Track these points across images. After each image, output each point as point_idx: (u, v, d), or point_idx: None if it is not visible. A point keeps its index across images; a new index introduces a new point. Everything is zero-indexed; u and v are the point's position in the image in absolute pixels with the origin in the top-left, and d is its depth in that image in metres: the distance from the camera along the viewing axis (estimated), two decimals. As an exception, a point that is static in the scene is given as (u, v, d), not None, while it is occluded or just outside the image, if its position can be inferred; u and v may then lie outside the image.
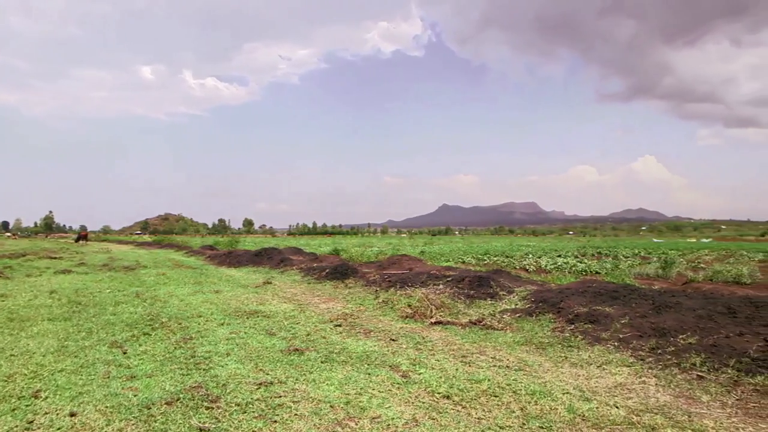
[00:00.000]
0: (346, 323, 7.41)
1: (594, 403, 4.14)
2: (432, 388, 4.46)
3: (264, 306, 8.94)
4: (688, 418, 3.82)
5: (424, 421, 3.72)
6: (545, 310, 7.57)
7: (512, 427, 3.63)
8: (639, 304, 7.01)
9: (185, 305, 8.97)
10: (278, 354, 5.59)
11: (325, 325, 7.33)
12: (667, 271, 14.84)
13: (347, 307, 8.97)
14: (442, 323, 7.38)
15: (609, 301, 7.42)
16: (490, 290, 9.16)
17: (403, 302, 8.65)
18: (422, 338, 6.47)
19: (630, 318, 6.54)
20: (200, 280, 13.37)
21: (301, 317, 7.91)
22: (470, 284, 9.46)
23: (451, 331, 6.99)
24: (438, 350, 5.86)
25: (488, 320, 7.34)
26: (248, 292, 10.87)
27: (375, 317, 8.04)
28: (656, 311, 6.61)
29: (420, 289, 9.42)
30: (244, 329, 6.91)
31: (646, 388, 4.56)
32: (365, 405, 4.03)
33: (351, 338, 6.47)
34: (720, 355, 5.06)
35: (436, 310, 7.94)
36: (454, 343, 6.25)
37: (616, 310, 6.97)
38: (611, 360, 5.43)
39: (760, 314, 5.82)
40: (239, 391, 4.30)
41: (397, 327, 7.23)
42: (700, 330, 5.75)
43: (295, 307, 8.94)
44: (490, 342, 6.34)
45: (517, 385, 4.54)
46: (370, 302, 9.42)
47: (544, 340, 6.32)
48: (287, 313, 8.27)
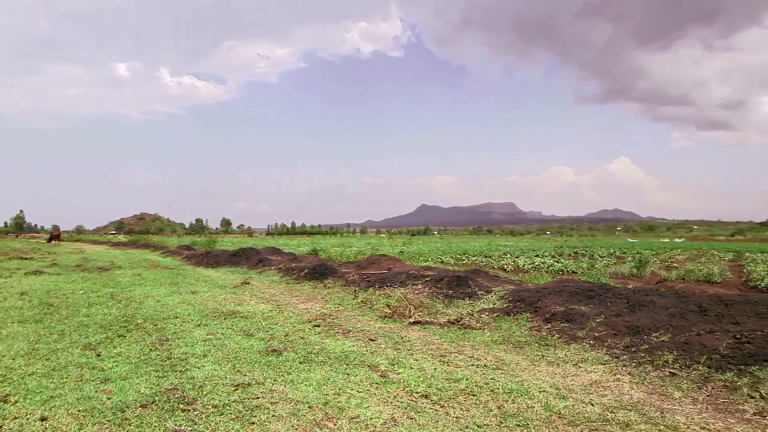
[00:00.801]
0: (325, 323, 7.38)
1: (570, 400, 4.19)
2: (410, 388, 4.47)
3: (242, 306, 8.86)
4: (661, 415, 3.89)
5: (403, 420, 3.73)
6: (523, 309, 7.65)
7: (490, 426, 3.66)
8: (614, 303, 7.13)
9: (161, 306, 8.84)
10: (256, 355, 5.54)
11: (303, 325, 7.29)
12: (642, 270, 15.12)
13: (326, 308, 8.95)
14: (420, 323, 7.40)
15: (585, 300, 7.53)
16: (468, 290, 9.22)
17: (382, 302, 8.66)
18: (401, 338, 6.48)
19: (605, 317, 6.64)
20: (177, 281, 13.18)
21: (280, 318, 7.85)
22: (449, 284, 9.51)
23: (430, 330, 7.01)
24: (416, 350, 5.87)
25: (466, 320, 7.38)
26: (226, 293, 10.76)
27: (354, 317, 8.03)
28: (630, 310, 6.73)
29: (399, 289, 9.43)
30: (221, 330, 6.84)
31: (621, 386, 4.64)
32: (344, 405, 4.03)
33: (330, 338, 6.45)
34: (691, 352, 5.17)
35: (414, 310, 7.96)
36: (433, 342, 6.27)
37: (592, 309, 7.07)
38: (587, 358, 5.51)
39: (729, 312, 5.97)
40: (216, 393, 4.25)
41: (376, 327, 7.23)
42: (673, 328, 5.88)
43: (274, 307, 8.88)
44: (468, 341, 6.38)
45: (494, 384, 4.58)
46: (349, 302, 9.41)
47: (521, 339, 6.38)
48: (265, 313, 8.21)
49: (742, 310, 5.93)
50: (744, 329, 5.40)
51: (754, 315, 5.73)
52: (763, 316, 5.64)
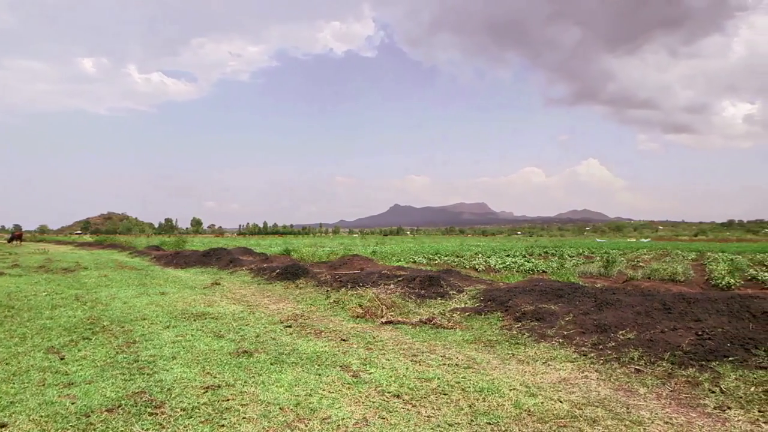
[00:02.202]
0: (297, 324, 7.34)
1: (539, 398, 4.26)
2: (382, 388, 4.48)
3: (212, 308, 8.74)
4: (627, 410, 3.99)
5: (374, 420, 3.74)
6: (494, 308, 7.74)
7: (461, 424, 3.69)
8: (582, 302, 7.27)
9: (129, 308, 8.65)
10: (226, 356, 5.48)
11: (275, 326, 7.23)
12: (609, 269, 15.45)
13: (298, 308, 8.89)
14: (392, 323, 7.42)
15: (554, 299, 7.66)
16: (440, 289, 9.28)
17: (354, 302, 8.65)
18: (373, 338, 6.49)
19: (574, 315, 6.77)
20: (145, 282, 12.93)
21: (251, 318, 7.77)
22: (421, 284, 9.55)
23: (402, 330, 7.04)
24: (388, 349, 5.89)
25: (438, 319, 7.43)
26: (196, 294, 10.59)
27: (326, 317, 8.00)
28: (598, 308, 6.87)
29: (371, 288, 9.44)
30: (191, 332, 6.73)
31: (588, 383, 4.73)
32: (315, 406, 4.01)
33: (301, 339, 6.41)
34: (656, 349, 5.32)
35: (386, 310, 7.98)
36: (405, 342, 6.30)
37: (561, 307, 7.20)
38: (556, 356, 5.60)
39: (692, 310, 6.15)
40: (185, 396, 4.18)
41: (348, 327, 7.22)
42: (638, 326, 6.03)
43: (245, 308, 8.78)
44: (440, 340, 6.42)
45: (466, 383, 4.63)
46: (321, 302, 9.37)
47: (492, 338, 6.46)
48: (236, 314, 8.11)
49: (704, 307, 6.12)
50: (705, 326, 5.58)
51: (715, 312, 5.92)
52: (722, 314, 5.83)
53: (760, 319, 5.57)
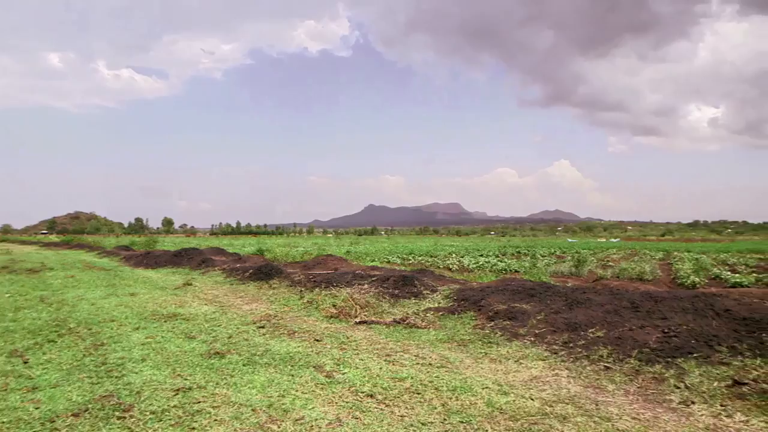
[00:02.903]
0: (270, 324, 7.28)
1: (511, 396, 4.31)
2: (356, 388, 4.47)
3: (183, 308, 8.60)
4: (596, 407, 4.07)
5: (348, 420, 3.73)
6: (467, 307, 7.80)
7: (434, 423, 3.71)
8: (554, 301, 7.38)
9: (96, 309, 8.46)
10: (198, 358, 5.40)
11: (248, 326, 7.16)
12: (580, 269, 15.74)
13: (271, 308, 8.82)
14: (366, 322, 7.42)
15: (526, 298, 7.76)
16: (414, 289, 9.32)
17: (328, 302, 8.62)
18: (347, 338, 6.47)
19: (545, 314, 6.87)
20: (114, 283, 12.65)
21: (223, 319, 7.68)
22: (395, 284, 9.58)
23: (376, 330, 7.04)
24: (362, 349, 5.88)
25: (412, 319, 7.46)
26: (167, 295, 10.42)
27: (299, 318, 7.95)
28: (569, 307, 6.99)
29: (345, 288, 9.42)
30: (161, 333, 6.62)
31: (559, 380, 4.81)
32: (288, 407, 3.98)
33: (275, 339, 6.36)
34: (624, 346, 5.44)
35: (360, 310, 7.98)
36: (379, 341, 6.30)
37: (533, 306, 7.30)
38: (528, 354, 5.68)
39: (659, 308, 6.30)
40: (155, 399, 4.11)
41: (321, 327, 7.19)
42: (608, 324, 6.15)
43: (217, 308, 8.67)
44: (413, 340, 6.45)
45: (439, 382, 4.65)
46: (294, 303, 9.31)
47: (465, 337, 6.51)
48: (208, 315, 8.01)
49: (670, 306, 6.28)
50: (671, 324, 5.73)
51: (680, 310, 6.08)
52: (688, 312, 6.00)
53: (722, 316, 5.75)
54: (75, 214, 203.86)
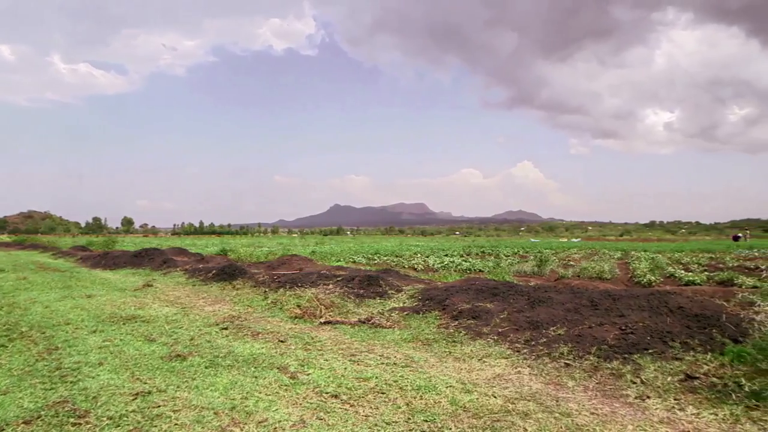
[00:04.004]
0: (233, 325, 7.17)
1: (475, 394, 4.37)
2: (320, 388, 4.45)
3: (143, 310, 8.39)
4: (556, 403, 4.16)
5: (312, 421, 3.71)
6: (432, 307, 7.86)
7: (398, 422, 3.72)
8: (516, 300, 7.51)
9: (50, 312, 8.16)
10: (158, 361, 5.27)
11: (210, 328, 7.04)
12: (542, 268, 16.03)
13: (234, 309, 8.69)
14: (331, 323, 7.39)
15: (490, 297, 7.87)
16: (379, 289, 9.33)
17: (293, 303, 8.55)
18: (311, 338, 6.44)
19: (508, 313, 6.98)
20: (70, 284, 12.24)
21: (185, 321, 7.53)
22: (360, 283, 9.57)
23: (341, 330, 7.02)
24: (327, 350, 5.86)
25: (377, 318, 7.47)
26: (126, 296, 10.14)
27: (263, 318, 7.86)
28: (531, 306, 7.12)
29: (310, 289, 9.37)
30: (119, 336, 6.44)
31: (521, 378, 4.90)
32: (251, 409, 3.93)
33: (238, 341, 6.27)
34: (584, 344, 5.58)
35: (325, 310, 7.94)
36: (343, 342, 6.29)
37: (496, 305, 7.41)
38: (491, 353, 5.76)
39: (616, 306, 6.49)
40: (112, 404, 3.99)
41: (286, 328, 7.13)
42: (568, 322, 6.30)
43: (179, 310, 8.49)
44: (378, 340, 6.46)
45: (403, 381, 4.67)
46: (258, 303, 9.20)
47: (430, 337, 6.56)
48: (169, 316, 7.83)
49: (627, 304, 6.47)
50: (628, 321, 5.90)
51: (637, 308, 6.27)
52: (644, 309, 6.19)
53: (676, 313, 5.96)
54: (28, 213, 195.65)
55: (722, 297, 6.98)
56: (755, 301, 5.17)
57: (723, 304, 6.31)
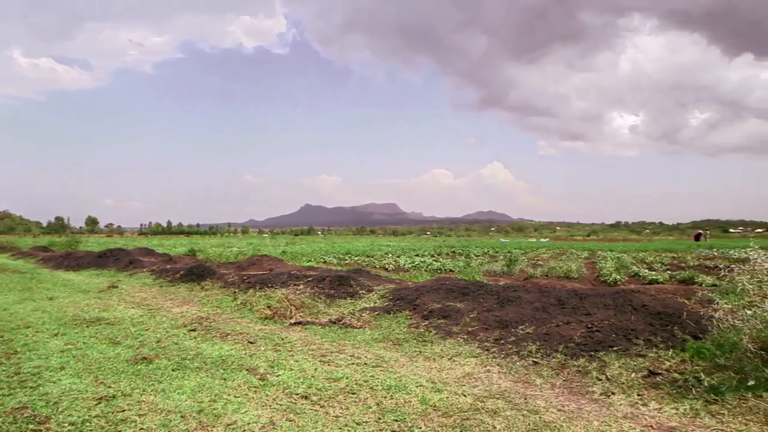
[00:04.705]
0: (202, 327, 7.05)
1: (444, 393, 4.40)
2: (290, 389, 4.42)
3: (108, 312, 8.18)
4: (525, 401, 4.23)
5: (282, 423, 3.68)
6: (402, 307, 7.88)
7: (368, 422, 3.72)
8: (486, 299, 7.59)
9: (9, 315, 7.89)
10: (123, 364, 5.15)
11: (178, 330, 6.91)
12: (512, 268, 16.23)
13: (203, 310, 8.55)
14: (302, 323, 7.35)
15: (460, 297, 7.94)
16: (350, 289, 9.32)
17: (263, 303, 8.46)
18: (281, 339, 6.38)
19: (478, 312, 7.06)
20: (30, 286, 11.86)
21: (151, 323, 7.37)
22: (331, 284, 9.53)
23: (311, 330, 6.99)
24: (297, 350, 5.82)
25: (348, 319, 7.45)
26: (89, 298, 9.87)
27: (233, 320, 7.76)
28: (500, 305, 7.21)
29: (280, 289, 9.28)
30: (83, 339, 6.27)
31: (490, 376, 4.96)
32: (220, 411, 3.88)
33: (206, 343, 6.18)
34: (551, 342, 5.68)
35: (296, 311, 7.88)
36: (314, 342, 6.26)
37: (466, 305, 7.48)
38: (461, 352, 5.81)
39: (583, 305, 6.63)
40: (75, 409, 3.88)
41: (256, 329, 7.05)
42: (536, 320, 6.40)
43: (145, 312, 8.31)
44: (349, 340, 6.45)
45: (374, 381, 4.68)
46: (227, 304, 9.07)
47: (400, 336, 6.58)
48: (135, 318, 7.66)
49: (593, 302, 6.62)
50: (594, 319, 6.04)
51: (603, 307, 6.42)
52: (609, 308, 6.34)
53: (640, 311, 6.12)
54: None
55: (683, 295, 7.20)
56: (714, 299, 5.33)
57: (684, 302, 6.52)
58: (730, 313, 4.76)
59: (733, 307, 4.83)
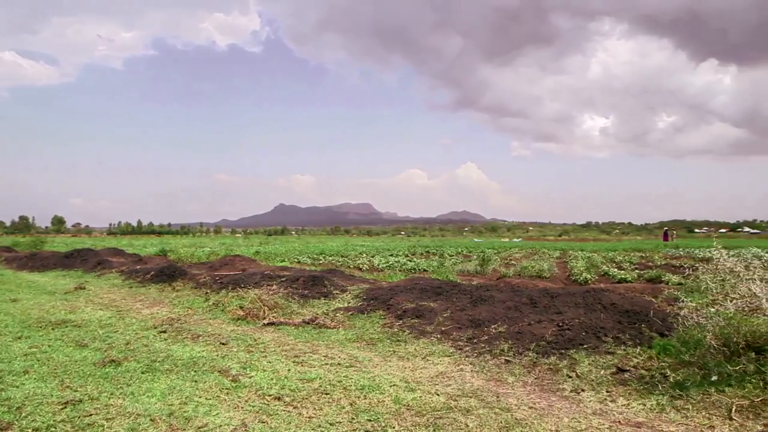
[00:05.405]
0: (172, 328, 6.93)
1: (418, 392, 4.42)
2: (263, 391, 4.38)
3: (75, 314, 7.98)
4: (497, 399, 4.28)
5: (254, 425, 3.64)
6: (376, 306, 7.89)
7: (342, 423, 3.71)
8: (459, 299, 7.65)
9: (-30, 317, 7.63)
10: (90, 367, 5.03)
11: (147, 331, 6.78)
12: (485, 267, 16.37)
13: (174, 312, 8.41)
14: (275, 324, 7.28)
15: (434, 296, 7.98)
16: (324, 289, 9.28)
17: (235, 304, 8.36)
18: (254, 340, 6.32)
19: (451, 312, 7.10)
20: (-8, 288, 11.49)
21: (120, 325, 7.22)
22: (304, 284, 9.48)
23: (284, 331, 6.93)
24: (270, 351, 5.77)
25: (321, 319, 7.42)
26: (55, 300, 9.61)
27: (204, 321, 7.65)
28: (473, 305, 7.28)
29: (253, 289, 9.18)
30: (48, 342, 6.10)
31: (463, 375, 5.00)
32: (190, 414, 3.82)
33: (177, 344, 6.07)
34: (523, 340, 5.76)
35: (269, 311, 7.81)
36: (287, 343, 6.21)
37: (440, 304, 7.52)
38: (434, 351, 5.84)
39: (554, 304, 6.73)
40: (39, 414, 3.77)
41: (228, 330, 6.97)
42: (509, 319, 6.48)
43: (114, 313, 8.13)
44: (322, 340, 6.42)
45: (347, 381, 4.67)
46: (199, 305, 8.94)
47: (374, 336, 6.58)
48: (103, 320, 7.49)
49: (564, 301, 6.73)
50: (565, 318, 6.14)
51: (573, 305, 6.53)
52: (579, 306, 6.45)
53: (609, 310, 6.25)
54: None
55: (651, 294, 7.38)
56: (680, 298, 5.49)
57: (651, 301, 6.68)
58: (694, 311, 4.90)
59: (698, 305, 4.97)
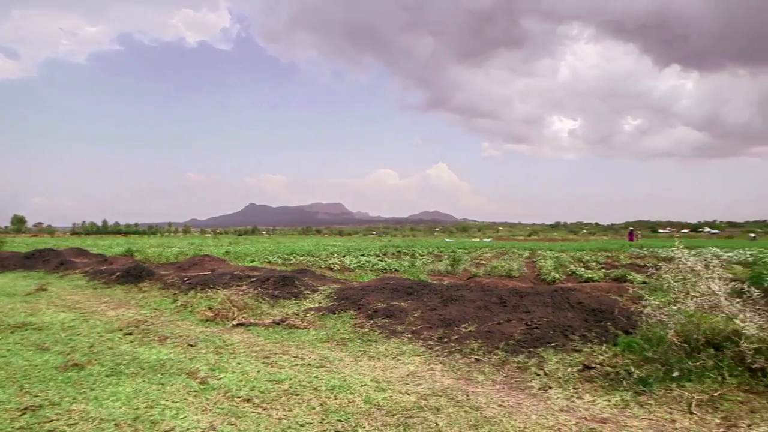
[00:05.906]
0: (139, 330, 6.78)
1: (388, 392, 4.43)
2: (232, 393, 4.32)
3: (35, 317, 7.73)
4: (467, 397, 4.32)
5: (222, 427, 3.59)
6: (347, 306, 7.87)
7: (312, 424, 3.69)
8: (430, 298, 7.70)
9: (-77, 321, 7.31)
10: (51, 372, 4.87)
11: (112, 334, 6.62)
12: (455, 267, 16.51)
13: (140, 313, 8.23)
14: (244, 324, 7.20)
15: (405, 296, 8.01)
16: (294, 289, 9.21)
17: (204, 305, 8.23)
18: (223, 341, 6.23)
19: (422, 311, 7.14)
20: (-53, 290, 11.04)
21: (84, 327, 7.02)
22: (275, 284, 9.40)
23: (254, 332, 6.86)
24: (239, 352, 5.70)
25: (292, 319, 7.37)
26: (15, 302, 9.29)
27: (172, 322, 7.51)
28: (444, 304, 7.33)
29: (223, 290, 9.06)
30: (6, 346, 5.89)
31: (434, 374, 5.03)
32: (157, 418, 3.74)
33: (143, 347, 5.94)
34: (493, 339, 5.83)
35: (238, 312, 7.72)
36: (257, 344, 6.15)
37: (411, 304, 7.55)
38: (405, 351, 5.86)
39: (523, 303, 6.83)
40: (-4, 420, 3.64)
41: (196, 331, 6.85)
42: (479, 319, 6.55)
43: (77, 315, 7.91)
44: (293, 341, 6.37)
45: (318, 382, 4.64)
46: (167, 306, 8.77)
47: (345, 336, 6.56)
48: (66, 323, 7.27)
49: (533, 300, 6.83)
50: (534, 317, 6.24)
51: (542, 304, 6.64)
52: (548, 305, 6.57)
53: (576, 308, 6.38)
54: None
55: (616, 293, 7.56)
56: (644, 296, 5.65)
57: (617, 299, 6.85)
58: (657, 309, 5.05)
59: (660, 304, 5.12)
